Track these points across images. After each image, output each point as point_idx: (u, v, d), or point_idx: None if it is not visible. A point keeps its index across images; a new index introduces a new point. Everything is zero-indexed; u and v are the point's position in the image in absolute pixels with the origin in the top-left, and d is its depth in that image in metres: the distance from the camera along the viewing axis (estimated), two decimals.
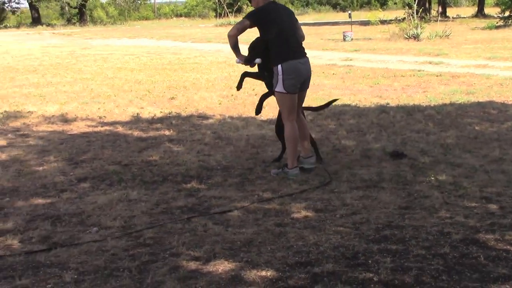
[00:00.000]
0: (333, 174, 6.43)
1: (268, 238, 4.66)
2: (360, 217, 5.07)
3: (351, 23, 30.66)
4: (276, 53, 6.38)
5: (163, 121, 9.74)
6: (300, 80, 6.46)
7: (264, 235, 4.72)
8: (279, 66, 6.32)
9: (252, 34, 6.41)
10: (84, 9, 59.97)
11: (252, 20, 6.38)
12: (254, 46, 6.59)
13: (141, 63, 19.12)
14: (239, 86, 6.99)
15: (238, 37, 6.41)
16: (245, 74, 6.93)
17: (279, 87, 6.40)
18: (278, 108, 6.76)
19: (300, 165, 6.64)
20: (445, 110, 9.75)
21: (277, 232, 4.77)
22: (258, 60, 6.54)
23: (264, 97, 7.02)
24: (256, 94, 11.96)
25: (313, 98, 11.27)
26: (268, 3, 6.50)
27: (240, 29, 6.38)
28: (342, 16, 53.71)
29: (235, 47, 6.51)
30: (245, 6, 52.74)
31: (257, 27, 6.44)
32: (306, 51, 6.58)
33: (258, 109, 7.03)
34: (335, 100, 8.02)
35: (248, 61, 6.55)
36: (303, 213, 5.26)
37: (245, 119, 9.66)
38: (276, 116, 7.12)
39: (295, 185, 6.11)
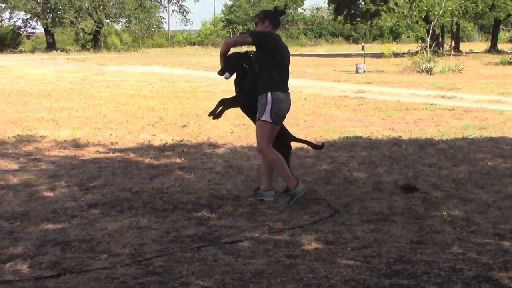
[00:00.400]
0: (344, 206, 6.40)
1: (278, 270, 4.63)
2: (371, 251, 5.04)
3: (364, 55, 30.78)
4: (268, 80, 6.46)
5: (174, 148, 9.75)
6: (284, 113, 6.61)
7: (274, 267, 4.69)
8: (269, 94, 6.40)
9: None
10: (98, 35, 60.45)
11: (256, 39, 6.44)
12: (229, 59, 6.63)
13: (153, 90, 19.21)
14: (213, 114, 6.99)
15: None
16: (222, 102, 6.97)
17: (265, 117, 6.46)
18: None
19: (261, 197, 6.66)
20: (458, 145, 9.72)
21: (288, 264, 4.74)
22: (227, 75, 6.60)
23: (226, 103, 6.97)
24: None
25: (325, 129, 11.30)
26: (274, 33, 6.61)
27: (239, 42, 6.62)
28: (355, 48, 53.92)
29: (223, 55, 6.59)
30: None
31: (257, 48, 6.49)
32: (319, 82, 6.67)
33: (214, 113, 7.00)
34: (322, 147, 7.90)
35: (220, 71, 6.63)
36: (314, 245, 5.23)
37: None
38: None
39: (306, 217, 6.07)
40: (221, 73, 6.68)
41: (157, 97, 17.23)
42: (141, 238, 5.41)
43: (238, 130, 11.40)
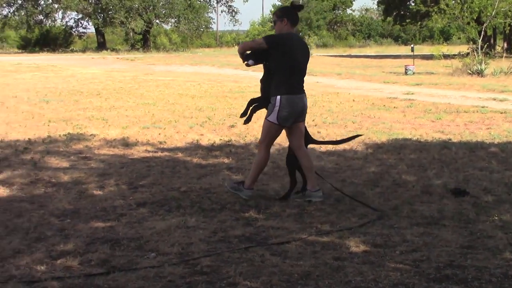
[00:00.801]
0: (392, 209, 6.34)
1: (326, 272, 4.60)
2: (420, 255, 4.97)
3: (413, 56, 30.45)
4: (279, 84, 6.50)
5: (222, 148, 9.78)
6: (294, 115, 6.59)
7: (322, 269, 4.67)
8: (278, 97, 6.46)
9: None
10: (148, 35, 61.02)
11: (270, 44, 6.46)
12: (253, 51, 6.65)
13: (202, 90, 19.32)
14: (245, 115, 7.07)
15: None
16: (251, 102, 7.06)
17: (272, 117, 6.57)
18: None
19: (308, 198, 6.68)
20: (510, 148, 9.54)
21: (335, 266, 4.71)
22: (251, 62, 6.60)
23: (254, 106, 7.03)
24: (316, 125, 11.94)
25: (373, 131, 11.20)
26: (291, 33, 6.61)
27: (254, 47, 6.58)
28: (404, 49, 53.45)
29: (243, 54, 6.61)
30: (307, 37, 52.84)
31: (271, 51, 6.48)
32: (367, 83, 6.65)
33: (246, 116, 7.09)
34: (358, 135, 8.06)
35: (244, 58, 6.64)
36: (362, 247, 5.18)
37: None
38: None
39: (354, 219, 6.03)
40: (245, 59, 6.66)
41: (205, 97, 17.32)
42: (189, 238, 5.43)
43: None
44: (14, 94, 17.65)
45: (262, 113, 7.01)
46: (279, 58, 6.48)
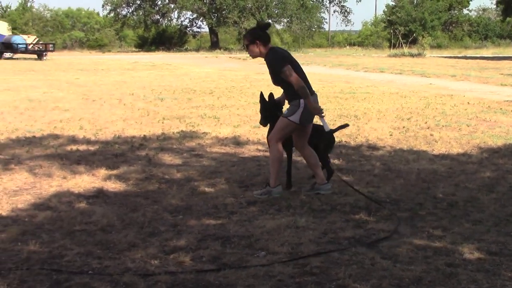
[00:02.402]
0: (509, 215, 6.13)
1: (438, 278, 4.51)
2: None
3: None
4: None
5: (333, 149, 9.72)
6: (313, 116, 6.91)
7: (434, 274, 4.57)
8: (301, 100, 6.67)
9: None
10: None
11: (288, 62, 6.75)
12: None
13: None
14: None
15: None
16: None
17: (294, 118, 6.73)
18: (450, 143, 6.57)
19: (317, 191, 6.94)
20: None
21: (448, 272, 4.61)
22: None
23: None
24: (428, 127, 11.71)
25: (489, 135, 10.88)
26: (273, 47, 6.95)
27: (297, 76, 6.67)
28: None
29: (307, 93, 6.70)
30: (420, 37, 51.89)
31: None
32: (483, 85, 6.55)
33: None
34: (346, 126, 8.40)
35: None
36: (476, 254, 5.04)
37: (416, 152, 9.45)
38: None
39: (467, 225, 5.87)
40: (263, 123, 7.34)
41: None
42: (299, 238, 5.44)
43: (398, 133, 11.20)
44: (131, 92, 18.20)
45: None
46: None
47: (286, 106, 7.07)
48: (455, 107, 15.00)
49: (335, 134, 7.89)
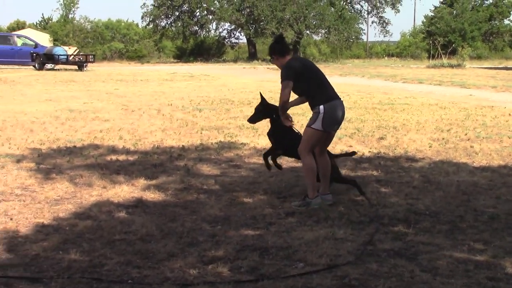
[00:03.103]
0: None
1: None
2: None
3: None
4: (319, 94, 6.86)
5: (371, 161, 9.69)
6: (337, 120, 6.95)
7: None
8: (321, 106, 6.78)
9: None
10: (298, 46, 61.58)
11: (293, 76, 6.77)
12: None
13: (351, 101, 19.21)
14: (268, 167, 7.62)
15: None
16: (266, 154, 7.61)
17: (316, 125, 6.82)
18: (491, 155, 6.50)
19: (307, 204, 6.93)
20: None
21: (489, 287, 4.55)
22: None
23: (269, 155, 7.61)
24: (468, 139, 11.60)
25: None
26: (292, 58, 6.97)
27: (289, 92, 6.85)
28: None
29: (286, 111, 7.13)
30: (460, 48, 51.40)
31: (296, 80, 6.80)
32: None
33: (267, 166, 7.62)
34: (354, 153, 8.65)
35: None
36: None
37: (456, 164, 9.36)
38: None
39: (509, 238, 5.79)
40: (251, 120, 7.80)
41: (354, 108, 17.21)
42: (337, 249, 5.43)
43: (437, 145, 11.11)
44: (169, 102, 18.33)
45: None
46: (305, 78, 6.85)
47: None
48: (495, 118, 14.83)
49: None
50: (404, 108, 17.21)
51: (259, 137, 11.85)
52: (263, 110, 7.65)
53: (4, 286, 4.57)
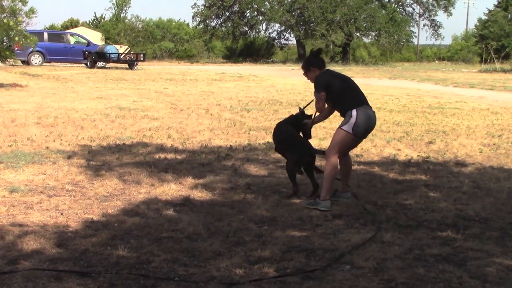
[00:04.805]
0: None
1: None
2: None
3: None
4: (351, 100, 6.90)
5: (420, 165, 9.59)
6: (369, 129, 6.99)
7: None
8: (354, 111, 6.82)
9: None
10: (347, 48, 61.37)
11: (324, 87, 6.90)
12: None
13: (400, 105, 19.07)
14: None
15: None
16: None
17: (347, 127, 6.83)
18: None
19: (336, 198, 7.16)
20: None
21: None
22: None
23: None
24: None
25: None
26: (325, 71, 7.09)
27: (323, 104, 7.03)
28: None
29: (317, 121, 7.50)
30: None
31: (328, 91, 6.91)
32: None
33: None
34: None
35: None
36: None
37: (508, 170, 9.21)
38: None
39: None
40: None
41: (403, 111, 17.08)
42: (384, 253, 5.38)
43: (488, 150, 10.95)
44: (217, 102, 18.43)
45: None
46: (337, 87, 6.94)
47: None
48: None
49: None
50: (454, 112, 17.00)
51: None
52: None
53: (54, 279, 4.64)
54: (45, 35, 40.37)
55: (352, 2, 57.66)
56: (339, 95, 6.93)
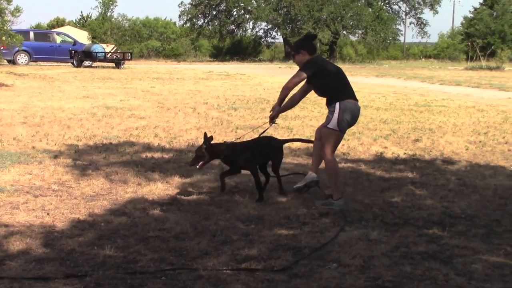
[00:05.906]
0: None
1: None
2: None
3: None
4: (335, 92, 6.91)
5: (406, 162, 9.63)
6: (352, 122, 7.00)
7: None
8: (337, 104, 6.81)
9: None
10: (334, 46, 61.45)
11: (310, 70, 6.87)
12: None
13: (386, 103, 19.11)
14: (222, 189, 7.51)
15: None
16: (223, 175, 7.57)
17: (332, 124, 6.83)
18: None
19: (305, 182, 7.07)
20: None
21: None
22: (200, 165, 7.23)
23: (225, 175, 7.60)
24: (506, 142, 11.47)
25: None
26: (315, 56, 7.04)
27: (297, 82, 7.04)
28: None
29: (283, 99, 7.38)
30: (499, 50, 50.81)
31: (315, 76, 6.89)
32: None
33: (222, 188, 7.52)
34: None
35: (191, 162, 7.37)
36: None
37: (493, 167, 9.26)
38: None
39: None
40: (192, 163, 7.33)
41: (390, 109, 17.12)
42: (371, 251, 5.40)
43: (474, 147, 11.00)
44: (205, 101, 18.41)
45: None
46: (324, 75, 6.95)
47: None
48: None
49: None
50: (440, 110, 17.06)
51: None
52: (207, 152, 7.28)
53: (41, 279, 4.63)
54: (31, 34, 40.18)
55: (339, 0, 57.75)
56: (330, 81, 6.93)
